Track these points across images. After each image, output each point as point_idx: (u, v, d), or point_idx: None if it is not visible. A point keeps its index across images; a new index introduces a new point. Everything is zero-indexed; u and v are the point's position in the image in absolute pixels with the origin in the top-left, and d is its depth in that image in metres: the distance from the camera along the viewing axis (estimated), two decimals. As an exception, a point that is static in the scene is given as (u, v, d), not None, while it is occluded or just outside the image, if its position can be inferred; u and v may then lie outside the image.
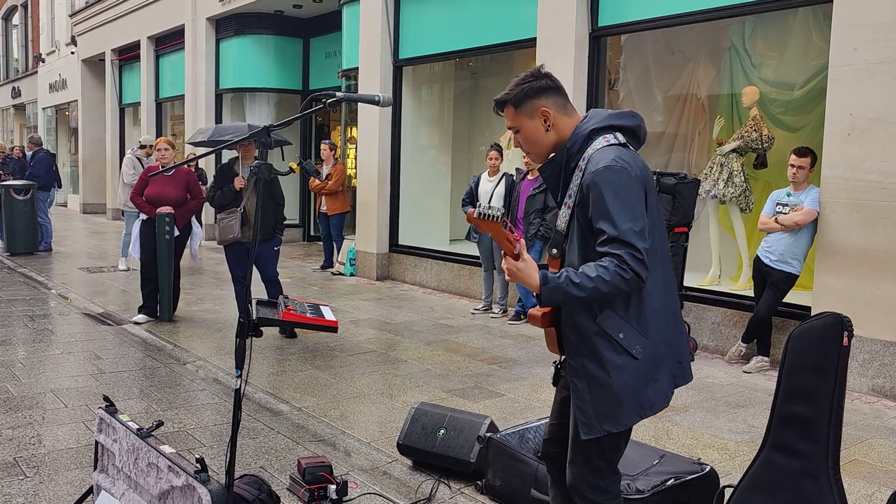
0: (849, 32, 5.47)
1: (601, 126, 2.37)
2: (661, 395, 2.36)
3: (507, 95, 2.43)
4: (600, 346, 2.30)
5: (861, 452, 4.32)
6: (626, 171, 2.24)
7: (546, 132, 2.42)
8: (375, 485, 3.76)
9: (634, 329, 2.30)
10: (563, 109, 2.43)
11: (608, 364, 2.29)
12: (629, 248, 2.18)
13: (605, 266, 2.19)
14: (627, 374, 2.29)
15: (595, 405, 2.32)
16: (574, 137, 2.38)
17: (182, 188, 7.31)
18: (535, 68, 2.48)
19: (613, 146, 2.32)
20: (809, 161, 5.86)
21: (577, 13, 7.48)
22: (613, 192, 2.21)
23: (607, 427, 2.32)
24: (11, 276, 10.24)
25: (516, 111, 2.43)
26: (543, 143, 2.44)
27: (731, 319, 6.48)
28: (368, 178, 10.37)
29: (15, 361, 5.90)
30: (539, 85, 2.40)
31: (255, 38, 14.47)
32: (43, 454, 4.05)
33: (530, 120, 2.42)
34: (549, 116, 2.40)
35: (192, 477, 2.58)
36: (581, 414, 2.34)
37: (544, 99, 2.40)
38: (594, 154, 2.31)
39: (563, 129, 2.41)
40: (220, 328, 7.18)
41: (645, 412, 2.34)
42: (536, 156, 2.49)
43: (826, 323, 2.72)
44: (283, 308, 2.90)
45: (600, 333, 2.29)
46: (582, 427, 2.34)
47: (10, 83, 31.60)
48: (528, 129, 2.43)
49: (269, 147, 2.73)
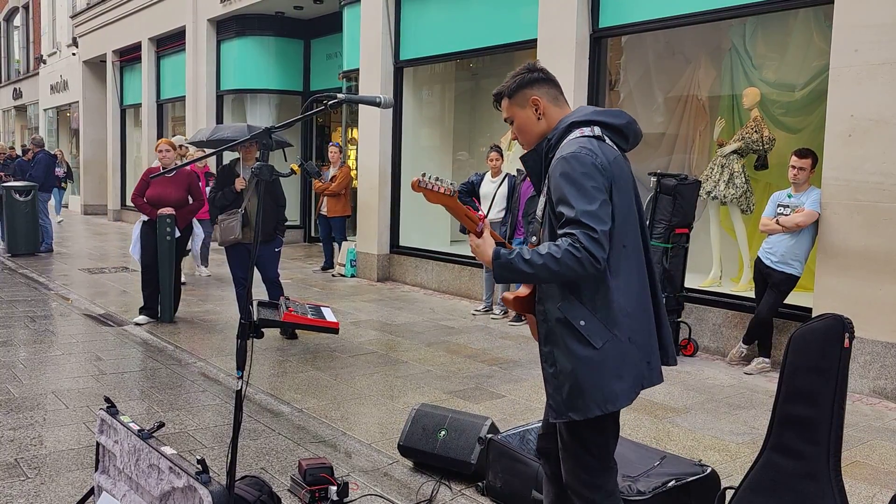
0: (850, 33, 5.47)
1: (582, 120, 2.44)
2: (625, 393, 2.36)
3: (503, 87, 2.54)
4: (563, 335, 2.34)
5: (862, 454, 4.31)
6: (589, 159, 2.29)
7: (538, 121, 2.51)
8: (376, 486, 3.76)
9: (598, 321, 2.31)
10: (554, 101, 2.53)
11: (571, 354, 2.32)
12: (584, 227, 2.20)
13: (557, 245, 2.22)
14: (589, 366, 2.31)
15: (561, 392, 2.36)
16: (555, 130, 2.47)
17: (183, 189, 7.32)
18: (529, 63, 2.58)
19: (586, 137, 2.37)
20: (810, 162, 5.86)
21: (578, 14, 7.48)
22: (571, 176, 2.27)
23: (572, 414, 2.35)
24: (12, 277, 10.24)
25: (510, 101, 2.53)
26: (534, 132, 2.52)
27: (732, 321, 6.48)
28: (369, 180, 10.38)
29: (16, 362, 5.90)
30: (531, 77, 2.51)
31: (255, 39, 14.48)
32: (44, 455, 4.05)
33: (522, 109, 2.52)
34: (539, 105, 2.49)
35: (193, 478, 2.58)
36: (550, 399, 2.41)
37: (535, 89, 2.50)
38: (564, 145, 2.38)
39: (553, 119, 2.51)
40: (221, 329, 7.18)
41: (608, 407, 2.34)
42: (528, 144, 2.57)
43: (827, 324, 2.72)
44: (284, 309, 2.90)
45: (562, 321, 2.33)
46: (550, 411, 2.41)
47: (12, 84, 31.64)
48: (521, 118, 2.53)
49: (270, 148, 2.73)
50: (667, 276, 6.34)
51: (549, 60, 7.75)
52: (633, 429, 4.60)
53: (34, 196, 12.21)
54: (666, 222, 6.34)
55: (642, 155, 8.76)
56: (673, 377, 5.82)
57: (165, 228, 7.18)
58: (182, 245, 7.45)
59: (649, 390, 5.41)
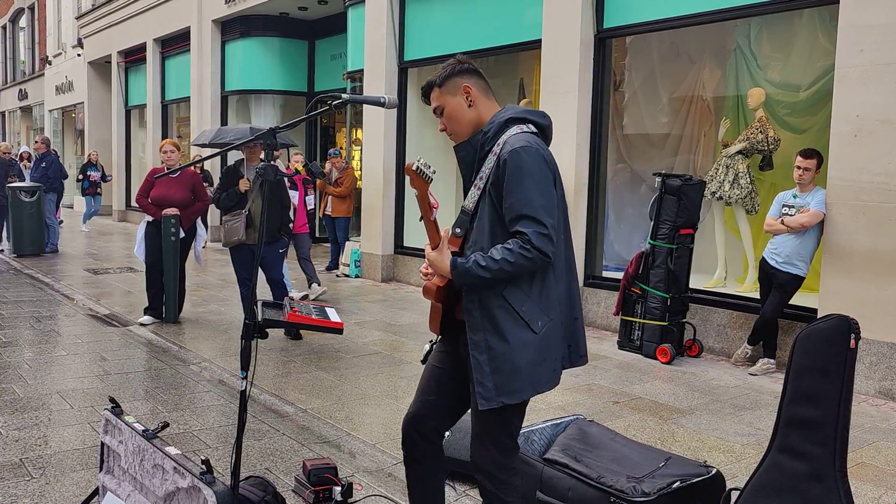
0: (855, 34, 5.45)
1: (517, 117, 2.53)
2: (551, 374, 2.49)
3: (432, 78, 2.61)
4: (502, 320, 2.41)
5: (868, 455, 4.30)
6: (540, 154, 2.41)
7: (468, 108, 2.56)
8: (380, 486, 3.76)
9: (536, 305, 2.43)
10: (484, 92, 2.59)
11: (510, 336, 2.40)
12: (535, 223, 2.33)
13: (509, 248, 2.34)
14: (527, 348, 2.41)
15: (495, 378, 2.42)
16: (491, 123, 2.53)
17: (187, 190, 7.33)
18: (459, 56, 2.66)
19: (528, 133, 2.48)
20: (815, 163, 5.85)
21: (583, 15, 7.47)
22: (526, 170, 2.37)
23: (504, 399, 2.42)
24: (18, 278, 10.27)
25: (441, 90, 2.58)
26: (465, 119, 2.57)
27: (737, 321, 6.47)
28: (373, 180, 10.38)
29: (21, 363, 5.91)
30: (461, 66, 2.59)
31: (260, 40, 14.51)
32: (49, 455, 4.06)
33: (453, 97, 2.57)
34: (470, 92, 2.55)
35: (197, 478, 2.58)
36: (480, 387, 2.43)
37: (466, 77, 2.57)
38: (510, 138, 2.45)
39: (483, 110, 2.57)
40: (225, 330, 7.19)
41: (538, 388, 2.46)
42: (458, 134, 2.60)
43: (833, 325, 2.71)
44: (288, 310, 2.90)
45: (503, 306, 2.41)
46: (480, 400, 2.43)
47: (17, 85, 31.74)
48: (451, 105, 2.57)
49: (274, 149, 2.73)
50: (671, 277, 6.33)
51: (553, 61, 7.76)
52: (637, 430, 4.59)
53: (39, 197, 12.25)
54: (670, 223, 6.33)
55: (647, 155, 8.75)
56: (678, 378, 5.82)
57: (170, 229, 7.19)
58: (186, 245, 7.46)
59: (652, 391, 5.42)
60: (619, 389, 5.47)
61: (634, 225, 8.57)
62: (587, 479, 3.21)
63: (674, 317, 6.37)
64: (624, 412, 4.96)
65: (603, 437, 3.63)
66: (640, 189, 8.66)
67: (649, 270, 6.41)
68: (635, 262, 6.53)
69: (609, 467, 3.30)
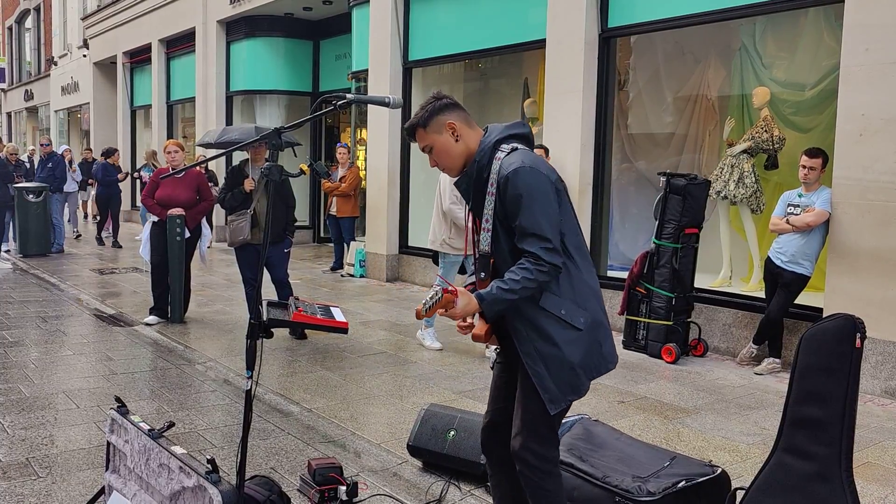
0: (860, 32, 5.44)
1: (502, 136, 2.63)
2: (608, 355, 2.63)
3: (415, 119, 2.69)
4: (546, 325, 2.53)
5: (874, 455, 4.29)
6: (536, 171, 2.51)
7: (456, 142, 2.65)
8: (385, 486, 3.77)
9: (573, 303, 2.55)
10: (466, 123, 2.67)
11: (557, 339, 2.53)
12: (542, 240, 2.46)
13: (524, 267, 2.47)
14: (576, 344, 2.54)
15: (556, 381, 2.54)
16: (481, 150, 2.61)
17: (192, 190, 7.34)
18: (435, 92, 2.76)
19: (519, 151, 2.58)
20: (821, 162, 5.83)
21: (587, 14, 7.47)
22: (524, 193, 2.47)
23: (571, 397, 2.58)
24: (24, 278, 10.31)
25: (426, 131, 2.67)
26: (455, 154, 2.65)
27: (743, 321, 6.45)
28: (378, 180, 10.39)
29: (28, 362, 5.93)
30: (441, 104, 2.67)
31: (265, 40, 14.52)
32: (55, 455, 4.08)
33: (439, 135, 2.65)
34: (455, 128, 2.64)
35: (203, 478, 2.59)
36: (545, 392, 2.55)
37: (448, 114, 2.65)
38: (504, 160, 2.55)
39: (469, 139, 2.65)
40: (230, 329, 7.20)
41: (596, 373, 2.61)
42: (451, 169, 2.69)
43: (838, 324, 2.70)
44: (293, 309, 2.90)
45: (543, 314, 2.53)
46: (549, 404, 2.55)
47: (23, 86, 31.84)
48: (440, 144, 2.66)
49: (279, 149, 2.74)
50: (676, 276, 6.32)
51: (558, 61, 7.76)
52: (643, 429, 4.59)
53: (45, 197, 12.29)
54: (675, 222, 6.32)
55: (652, 155, 8.74)
56: (683, 377, 5.81)
57: (175, 229, 7.21)
58: (192, 245, 7.47)
59: (657, 390, 5.41)
60: (624, 389, 5.46)
61: (639, 224, 8.55)
62: (592, 479, 3.21)
63: (679, 316, 6.36)
64: (629, 412, 4.96)
65: (608, 436, 3.63)
66: (644, 188, 8.64)
67: (654, 270, 6.40)
68: (640, 262, 6.52)
69: (614, 467, 3.30)
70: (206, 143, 10.44)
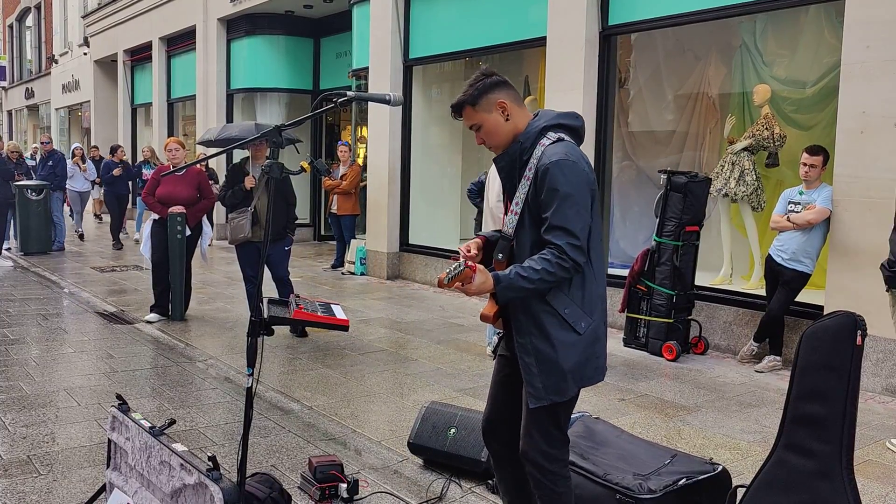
0: (861, 29, 5.43)
1: (551, 124, 2.58)
2: (600, 369, 2.62)
3: (464, 97, 2.60)
4: (547, 323, 2.51)
5: (875, 453, 4.29)
6: (577, 166, 2.47)
7: (506, 122, 2.59)
8: (386, 483, 3.77)
9: (579, 307, 2.53)
10: (516, 102, 2.61)
11: (554, 340, 2.51)
12: (570, 236, 2.42)
13: (547, 258, 2.43)
14: (572, 349, 2.52)
15: (543, 379, 2.53)
16: (527, 133, 2.57)
17: (193, 188, 7.34)
18: (483, 68, 2.65)
19: (564, 142, 2.53)
20: (822, 159, 5.82)
21: (588, 12, 7.46)
22: (564, 183, 2.43)
23: (553, 398, 2.54)
24: (25, 276, 10.31)
25: (475, 109, 2.59)
26: (504, 133, 2.60)
27: (743, 319, 6.45)
28: (378, 178, 10.39)
29: (29, 360, 5.94)
30: (491, 81, 2.59)
31: (265, 38, 14.52)
32: (56, 452, 4.08)
33: (489, 114, 2.58)
34: (506, 107, 2.58)
35: (204, 475, 2.59)
36: (530, 387, 2.55)
37: (498, 92, 2.58)
38: (547, 148, 2.51)
39: (518, 119, 2.60)
40: (231, 327, 7.21)
41: (585, 383, 2.59)
42: (497, 146, 2.64)
43: (839, 322, 2.70)
44: (294, 307, 2.90)
45: (547, 310, 2.51)
46: (531, 398, 2.55)
47: (24, 84, 31.84)
48: (489, 123, 2.59)
49: (280, 146, 2.73)
50: (677, 274, 6.32)
51: (558, 58, 7.75)
52: (643, 427, 4.59)
53: (47, 195, 12.29)
54: (676, 220, 6.32)
55: (653, 153, 8.74)
56: (684, 375, 5.81)
57: (176, 227, 7.21)
58: (192, 243, 7.47)
59: (658, 388, 5.41)
60: (625, 386, 5.46)
61: (640, 222, 8.56)
62: (593, 477, 3.21)
63: (679, 314, 6.36)
64: (630, 409, 4.96)
65: (609, 434, 3.63)
66: (645, 186, 8.64)
67: (655, 267, 6.40)
68: (641, 259, 6.52)
69: (615, 464, 3.30)
70: (206, 140, 10.44)
